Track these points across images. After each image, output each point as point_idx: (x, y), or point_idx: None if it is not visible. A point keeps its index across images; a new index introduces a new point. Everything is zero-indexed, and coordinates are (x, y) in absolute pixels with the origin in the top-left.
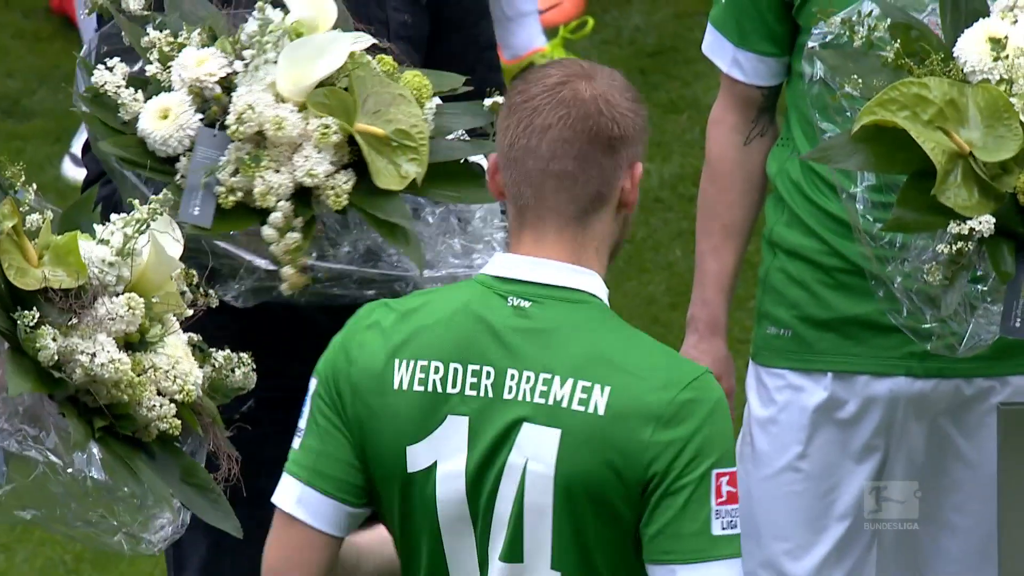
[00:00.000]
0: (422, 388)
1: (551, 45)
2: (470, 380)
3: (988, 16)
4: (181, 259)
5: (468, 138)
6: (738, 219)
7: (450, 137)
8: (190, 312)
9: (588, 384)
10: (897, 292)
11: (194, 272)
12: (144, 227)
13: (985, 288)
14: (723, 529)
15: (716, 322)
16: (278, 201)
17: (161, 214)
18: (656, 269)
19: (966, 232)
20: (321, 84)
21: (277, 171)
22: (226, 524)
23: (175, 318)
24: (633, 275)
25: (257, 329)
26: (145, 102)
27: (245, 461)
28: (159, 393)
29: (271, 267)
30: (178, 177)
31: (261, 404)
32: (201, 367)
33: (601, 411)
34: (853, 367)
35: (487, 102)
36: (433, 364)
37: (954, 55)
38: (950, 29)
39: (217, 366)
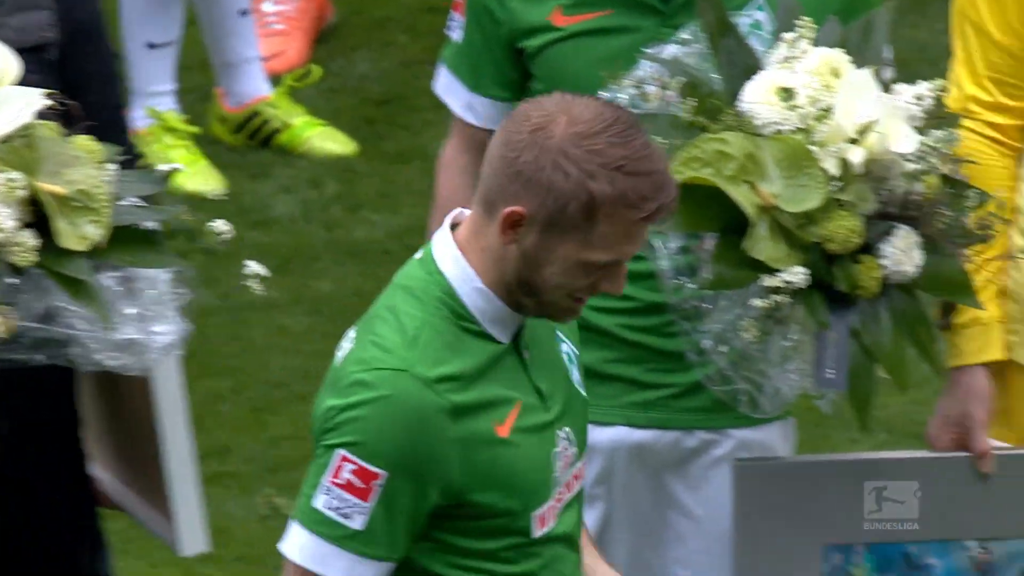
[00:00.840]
0: None
1: (276, 93)
2: None
3: (761, 69)
4: None
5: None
6: None
7: (122, 203)
8: None
9: (351, 335)
10: (710, 353)
11: None
12: None
13: (792, 343)
14: (327, 508)
15: None
16: None
17: None
18: None
19: (782, 285)
20: (2, 140)
21: None
22: None
23: None
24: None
25: None
26: None
27: None
28: None
29: None
30: None
31: None
32: None
33: (338, 361)
34: None
35: (163, 168)
36: None
37: (742, 110)
38: (727, 85)
39: None
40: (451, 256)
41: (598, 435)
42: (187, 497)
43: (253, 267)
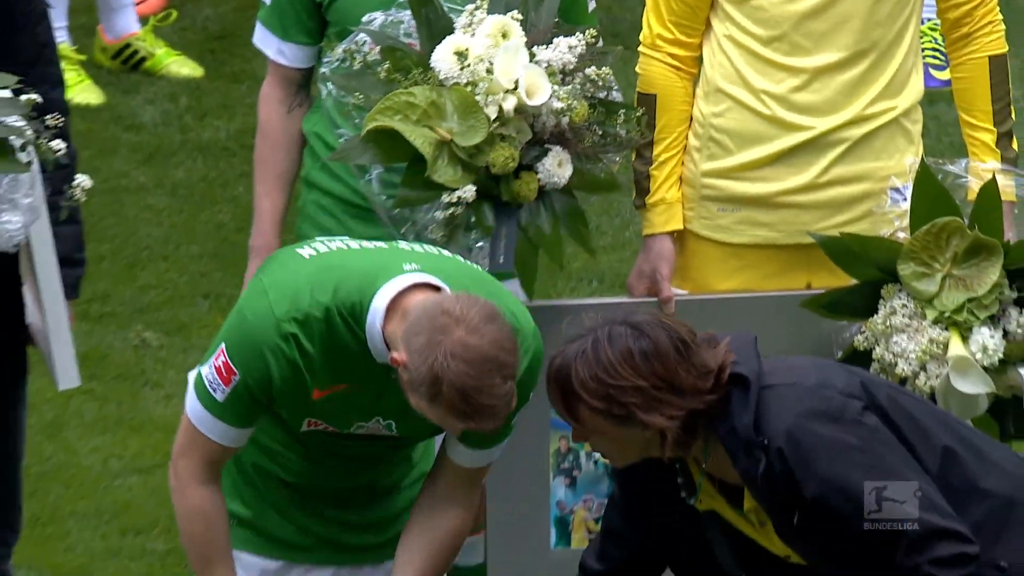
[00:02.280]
0: None
1: (143, 30)
2: None
3: (454, 32)
4: None
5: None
6: (285, 169)
7: None
8: None
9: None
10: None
11: None
12: None
13: (476, 237)
14: (210, 387)
15: (271, 249)
16: None
17: None
18: (224, 201)
19: (455, 200)
20: None
21: None
22: None
23: None
24: (207, 206)
25: None
26: None
27: None
28: None
29: None
30: None
31: None
32: None
33: None
34: None
35: (23, 98)
36: None
37: (431, 66)
38: (427, 44)
39: None
40: (375, 305)
41: None
42: (61, 343)
43: (82, 180)
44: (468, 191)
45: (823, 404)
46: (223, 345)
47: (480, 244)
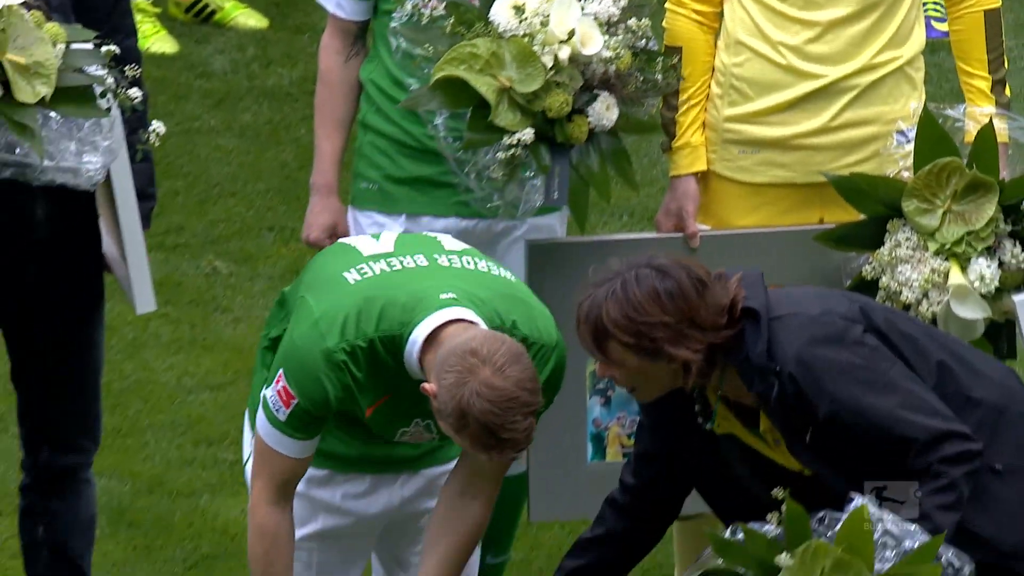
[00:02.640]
0: None
1: None
2: None
3: None
4: None
5: (98, 72)
6: (343, 113)
7: (76, 71)
8: None
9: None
10: (473, 184)
11: None
12: None
13: (532, 175)
14: (273, 408)
15: (331, 186)
16: None
17: None
18: (288, 143)
19: (515, 142)
20: None
21: None
22: None
23: None
24: (271, 147)
25: None
26: None
27: None
28: None
29: None
30: None
31: None
32: None
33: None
34: (420, 210)
35: (103, 50)
36: None
37: (490, 20)
38: (483, 3)
39: None
40: (417, 333)
41: (436, 224)
42: (139, 270)
43: (156, 126)
44: (527, 134)
45: (827, 329)
46: (281, 371)
47: (536, 181)
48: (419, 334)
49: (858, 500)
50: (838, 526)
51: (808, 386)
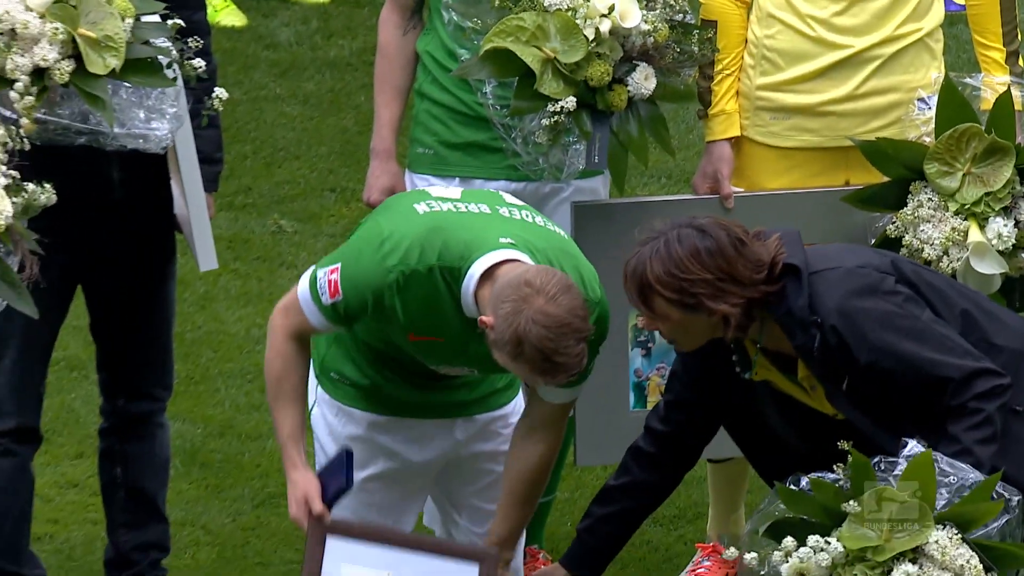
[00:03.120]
0: None
1: None
2: None
3: None
4: None
5: (164, 44)
6: (401, 83)
7: (145, 43)
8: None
9: None
10: (520, 148)
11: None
12: None
13: (575, 140)
14: (320, 289)
15: (390, 151)
16: (21, 75)
17: None
18: (348, 109)
19: (559, 109)
20: (57, 1)
21: (22, 55)
22: (26, 308)
23: None
24: (333, 113)
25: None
26: None
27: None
28: None
29: (13, 116)
30: None
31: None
32: (16, 198)
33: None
34: (473, 174)
35: (168, 23)
36: None
37: None
38: None
39: (28, 194)
40: (473, 271)
41: (489, 186)
42: (202, 230)
43: (219, 92)
44: (570, 101)
45: (864, 280)
46: (339, 265)
47: (578, 146)
48: (477, 269)
49: (914, 444)
50: (897, 469)
51: (849, 336)
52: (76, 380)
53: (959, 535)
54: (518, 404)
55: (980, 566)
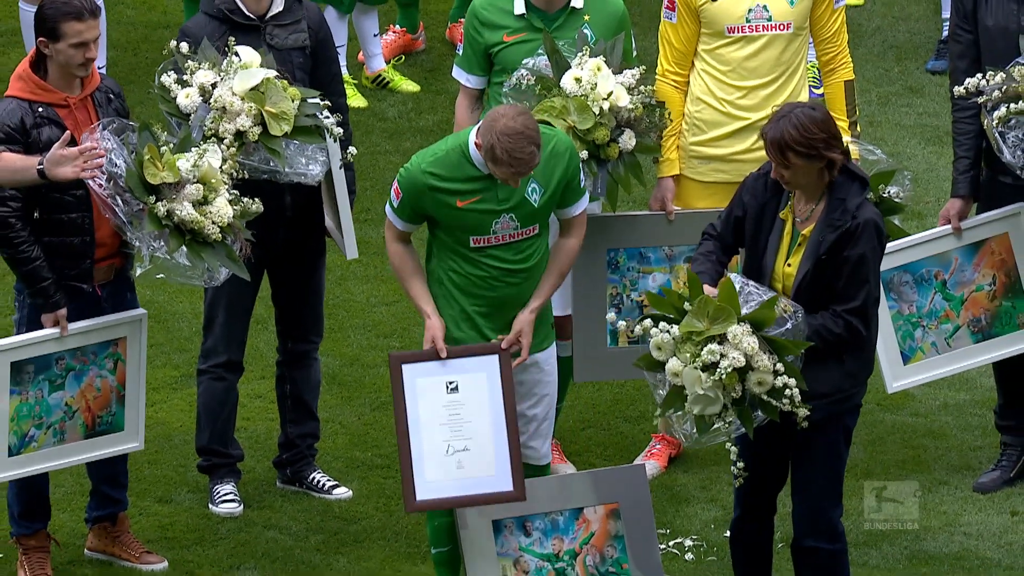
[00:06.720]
0: None
1: (387, 67)
2: None
3: (571, 68)
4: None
5: (324, 116)
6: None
7: (306, 116)
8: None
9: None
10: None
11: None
12: (204, 153)
13: (584, 176)
14: (392, 200)
15: None
16: (228, 135)
17: (207, 150)
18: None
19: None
20: (253, 89)
21: (229, 123)
22: (243, 274)
23: (221, 189)
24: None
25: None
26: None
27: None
28: (212, 223)
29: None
30: (190, 119)
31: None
32: (236, 206)
33: None
34: None
35: (321, 103)
36: None
37: (562, 86)
38: (557, 74)
39: (243, 205)
40: (471, 136)
41: None
42: (349, 234)
43: (351, 149)
44: (583, 154)
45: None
46: (397, 180)
47: (586, 182)
48: (471, 136)
49: (732, 276)
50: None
51: (860, 237)
52: (261, 330)
53: (752, 331)
54: (551, 354)
55: (756, 344)
